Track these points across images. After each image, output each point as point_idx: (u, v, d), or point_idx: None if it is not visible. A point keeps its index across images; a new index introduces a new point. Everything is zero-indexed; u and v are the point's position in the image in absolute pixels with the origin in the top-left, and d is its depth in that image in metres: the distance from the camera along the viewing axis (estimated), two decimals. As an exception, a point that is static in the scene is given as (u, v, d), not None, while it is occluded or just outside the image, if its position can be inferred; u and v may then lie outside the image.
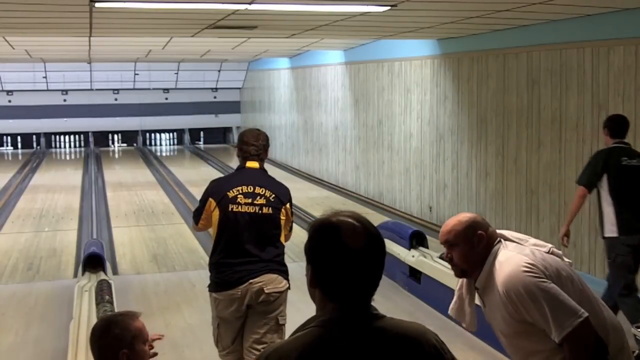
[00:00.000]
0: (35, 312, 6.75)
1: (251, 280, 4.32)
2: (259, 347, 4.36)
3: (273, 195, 4.40)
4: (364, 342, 1.77)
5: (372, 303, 1.87)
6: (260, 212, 4.35)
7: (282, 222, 4.46)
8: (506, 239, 2.96)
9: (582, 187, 5.76)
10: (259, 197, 4.37)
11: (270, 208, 4.37)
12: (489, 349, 5.63)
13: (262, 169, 4.52)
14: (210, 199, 4.42)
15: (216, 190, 4.45)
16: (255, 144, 4.50)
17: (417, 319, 1.94)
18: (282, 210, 4.43)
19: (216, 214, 4.40)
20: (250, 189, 4.38)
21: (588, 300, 2.85)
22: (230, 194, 4.37)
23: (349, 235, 1.79)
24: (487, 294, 2.93)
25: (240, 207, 4.34)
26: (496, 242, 2.92)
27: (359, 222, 1.82)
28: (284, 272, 4.49)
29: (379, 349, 1.77)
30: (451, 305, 3.18)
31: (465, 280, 3.06)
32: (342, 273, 1.79)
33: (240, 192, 4.37)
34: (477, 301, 3.08)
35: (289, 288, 4.53)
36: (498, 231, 2.99)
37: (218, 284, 4.41)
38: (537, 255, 2.85)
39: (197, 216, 4.52)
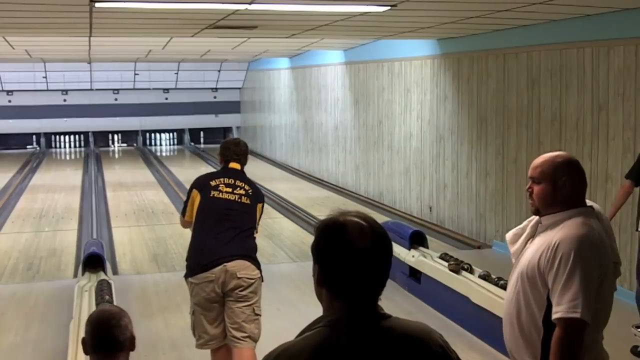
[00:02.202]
0: (35, 312, 6.75)
1: (225, 264, 4.50)
2: (239, 335, 4.53)
3: (251, 190, 4.73)
4: (372, 342, 1.78)
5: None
6: (239, 200, 4.65)
7: (258, 214, 4.74)
8: (600, 219, 2.87)
9: (628, 181, 5.70)
10: (239, 188, 4.69)
11: (248, 199, 4.68)
12: (490, 349, 5.63)
13: (242, 171, 4.84)
14: (194, 190, 4.73)
15: (200, 181, 4.78)
16: (235, 149, 4.84)
17: (417, 319, 1.94)
18: (259, 205, 4.75)
19: (197, 200, 4.67)
20: (232, 181, 4.71)
21: (596, 316, 2.78)
22: (213, 183, 4.70)
23: (356, 234, 1.80)
24: (544, 232, 2.84)
25: (221, 194, 4.65)
26: (589, 206, 2.84)
27: (366, 222, 1.83)
28: (256, 262, 4.66)
29: (387, 349, 1.78)
30: (513, 230, 3.07)
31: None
32: (349, 272, 1.80)
33: (222, 182, 4.70)
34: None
35: (261, 280, 4.69)
36: (594, 206, 2.89)
37: (193, 268, 4.60)
38: (609, 251, 2.79)
39: (184, 209, 4.81)
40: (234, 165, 4.80)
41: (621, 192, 5.76)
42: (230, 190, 4.65)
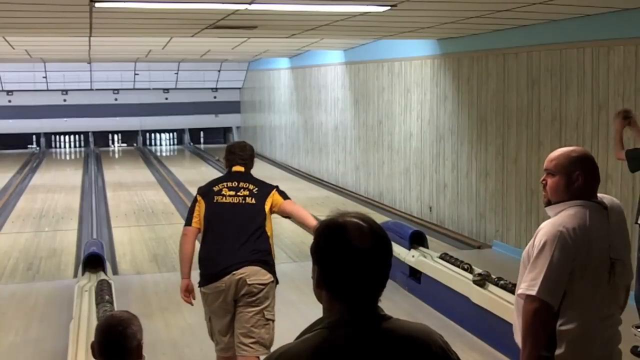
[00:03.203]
0: (35, 312, 6.75)
1: (234, 272, 4.43)
2: (247, 341, 4.45)
3: (256, 189, 4.63)
4: (373, 344, 1.77)
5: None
6: (243, 202, 4.56)
7: (268, 211, 4.60)
8: (610, 215, 2.92)
9: (622, 153, 5.65)
10: (242, 190, 4.60)
11: (253, 198, 4.58)
12: (489, 349, 5.63)
13: (247, 173, 4.74)
14: (199, 197, 4.67)
15: (203, 189, 4.71)
16: (241, 154, 4.76)
17: (417, 319, 1.94)
18: (268, 199, 4.61)
19: (203, 207, 4.60)
20: (235, 183, 4.64)
21: (574, 304, 2.84)
22: (216, 188, 4.63)
23: (356, 235, 1.79)
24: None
25: (224, 198, 4.57)
26: (595, 201, 2.90)
27: (366, 223, 1.82)
28: (268, 265, 4.56)
29: (388, 351, 1.77)
30: None
31: None
32: (349, 273, 1.79)
33: (225, 186, 4.63)
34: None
35: (276, 282, 4.60)
36: (606, 200, 2.95)
37: (204, 278, 4.54)
38: (599, 246, 2.84)
39: (189, 216, 4.70)
40: (237, 168, 4.72)
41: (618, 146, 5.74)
42: (233, 193, 4.58)
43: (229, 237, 4.48)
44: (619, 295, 3.00)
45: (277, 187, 4.72)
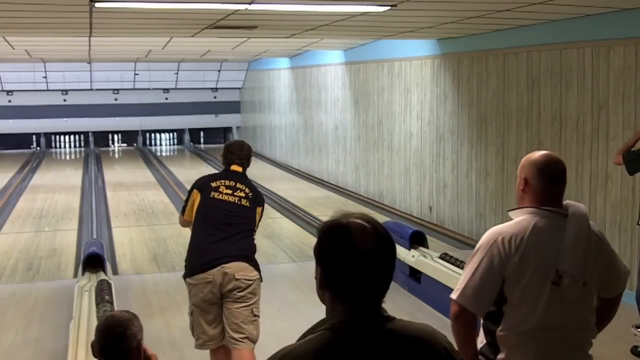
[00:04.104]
0: (35, 312, 6.75)
1: (223, 265, 4.52)
2: (237, 336, 4.54)
3: (251, 194, 4.75)
4: (376, 345, 1.77)
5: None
6: (239, 202, 4.68)
7: (257, 217, 4.78)
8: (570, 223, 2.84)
9: (620, 157, 5.56)
10: (239, 191, 4.72)
11: (248, 201, 4.70)
12: (489, 349, 5.62)
13: (244, 174, 4.86)
14: (195, 190, 4.77)
15: (201, 182, 4.81)
16: (239, 153, 4.86)
17: (417, 319, 1.94)
18: (258, 209, 4.77)
19: (198, 201, 4.71)
20: (233, 183, 4.74)
21: (513, 314, 2.82)
22: (214, 184, 4.73)
23: (359, 236, 1.79)
24: None
25: (221, 195, 4.68)
26: (547, 209, 2.83)
27: (369, 224, 1.82)
28: (255, 264, 4.67)
29: (391, 352, 1.77)
30: None
31: None
32: (352, 274, 1.79)
33: (223, 184, 4.73)
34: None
35: (260, 280, 4.70)
36: (571, 209, 2.86)
37: (191, 268, 4.62)
38: (542, 255, 2.80)
39: (184, 207, 4.86)
40: (235, 167, 4.82)
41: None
42: (230, 192, 4.68)
43: (222, 232, 4.58)
44: (572, 309, 2.82)
45: (263, 206, 4.85)
